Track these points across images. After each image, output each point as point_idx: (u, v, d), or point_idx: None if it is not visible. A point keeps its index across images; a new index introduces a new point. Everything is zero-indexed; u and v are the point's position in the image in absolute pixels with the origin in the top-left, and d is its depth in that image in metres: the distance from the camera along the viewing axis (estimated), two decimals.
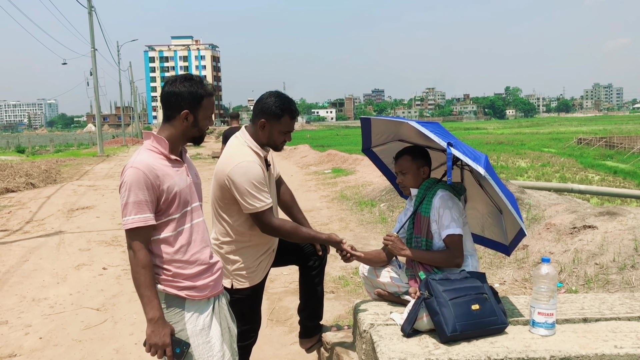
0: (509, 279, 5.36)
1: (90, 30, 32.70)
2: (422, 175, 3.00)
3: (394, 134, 3.28)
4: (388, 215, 8.95)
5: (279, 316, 4.82)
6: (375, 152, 3.44)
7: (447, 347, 2.37)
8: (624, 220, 5.61)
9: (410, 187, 3.01)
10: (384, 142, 3.35)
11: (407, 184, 3.02)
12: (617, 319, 2.73)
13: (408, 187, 3.03)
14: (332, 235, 2.89)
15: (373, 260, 3.06)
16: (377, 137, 3.32)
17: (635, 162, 22.11)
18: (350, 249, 2.89)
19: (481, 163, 2.53)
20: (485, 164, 2.55)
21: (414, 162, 2.98)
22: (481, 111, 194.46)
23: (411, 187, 3.01)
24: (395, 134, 3.27)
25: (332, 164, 19.31)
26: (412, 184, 3.00)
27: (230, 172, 2.66)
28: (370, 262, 3.07)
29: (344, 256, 2.91)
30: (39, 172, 17.81)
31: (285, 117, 2.79)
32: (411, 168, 2.98)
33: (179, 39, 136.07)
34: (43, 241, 8.13)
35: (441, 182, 2.97)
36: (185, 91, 2.15)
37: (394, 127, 3.22)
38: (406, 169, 3.00)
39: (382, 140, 3.35)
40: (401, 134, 3.25)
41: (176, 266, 2.16)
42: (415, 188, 3.00)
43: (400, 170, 3.03)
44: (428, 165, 3.02)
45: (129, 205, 2.05)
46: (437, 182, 2.98)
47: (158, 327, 2.07)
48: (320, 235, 2.92)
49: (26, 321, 4.84)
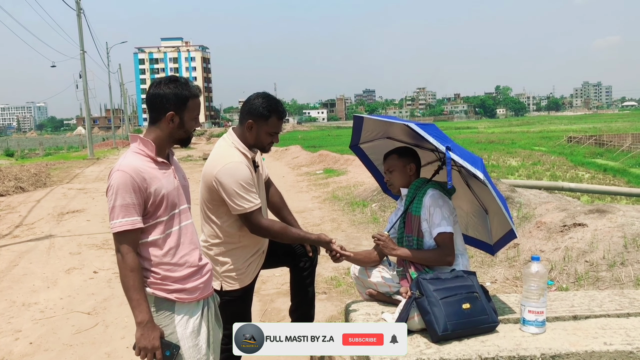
0: (500, 277, 5.38)
1: (79, 32, 32.48)
2: (409, 173, 3.00)
3: (383, 132, 3.28)
4: (380, 216, 8.96)
5: (271, 317, 4.81)
6: (363, 148, 3.44)
7: (439, 347, 2.38)
8: (614, 217, 5.65)
9: (399, 186, 3.02)
10: (372, 139, 3.35)
11: (394, 182, 3.02)
12: (606, 316, 2.75)
13: (396, 186, 3.03)
14: (321, 236, 2.89)
15: (363, 260, 3.06)
16: (367, 134, 3.31)
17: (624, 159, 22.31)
18: (339, 249, 2.89)
19: (478, 167, 2.54)
20: (482, 167, 2.58)
21: (400, 160, 2.99)
22: (472, 110, 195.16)
23: (400, 186, 3.01)
24: (385, 131, 3.27)
25: (324, 165, 19.33)
26: (399, 182, 3.01)
27: (218, 173, 2.66)
28: (360, 262, 3.07)
29: (334, 256, 2.91)
30: (29, 175, 17.66)
31: (272, 118, 2.80)
32: (397, 165, 2.99)
33: (169, 41, 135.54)
34: (33, 245, 8.07)
35: (431, 182, 2.97)
36: (170, 93, 2.14)
37: (384, 126, 3.22)
38: (393, 167, 3.01)
39: (370, 138, 3.34)
40: (390, 132, 3.25)
41: (165, 269, 2.15)
42: (404, 187, 3.00)
43: (388, 169, 3.04)
44: (415, 162, 3.03)
45: (116, 209, 2.04)
46: (427, 181, 2.98)
47: (147, 330, 2.06)
48: (309, 236, 2.92)
49: (16, 326, 4.79)
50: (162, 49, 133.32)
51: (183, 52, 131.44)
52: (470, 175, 2.94)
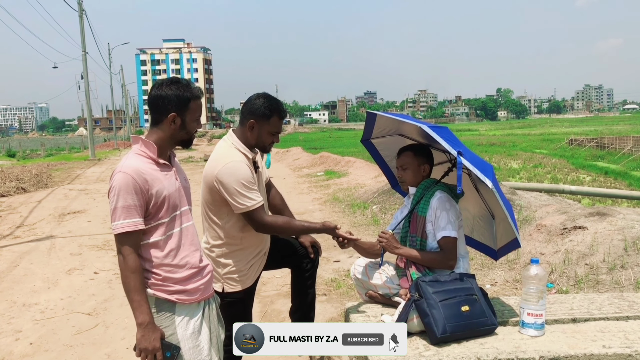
0: (500, 280, 5.38)
1: (81, 33, 32.56)
2: (422, 173, 3.00)
3: (395, 129, 3.28)
4: (380, 217, 8.97)
5: (271, 319, 4.82)
6: (374, 143, 3.44)
7: (437, 349, 2.39)
8: (614, 220, 5.66)
9: (409, 184, 3.02)
10: (383, 135, 3.36)
11: (406, 179, 3.02)
12: (605, 319, 2.75)
13: (407, 183, 3.03)
14: (326, 223, 2.87)
15: (367, 249, 3.07)
16: (379, 130, 3.32)
17: (625, 162, 22.28)
18: (346, 234, 2.88)
19: (488, 175, 2.55)
20: (492, 175, 2.58)
21: (415, 159, 2.99)
22: (473, 113, 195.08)
23: (410, 185, 3.02)
24: (397, 128, 3.28)
25: (325, 166, 19.33)
26: (411, 180, 3.01)
27: (219, 173, 2.67)
28: (364, 251, 3.09)
29: (340, 242, 2.89)
30: (30, 176, 17.71)
31: (274, 118, 2.82)
32: (412, 164, 2.99)
33: (171, 42, 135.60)
34: (34, 246, 8.08)
35: (440, 183, 2.98)
36: (172, 94, 2.16)
37: (397, 123, 3.21)
38: (407, 164, 3.00)
39: (382, 134, 3.35)
40: (402, 130, 3.26)
41: (166, 270, 2.16)
42: (414, 186, 3.00)
43: (401, 165, 3.03)
44: (429, 163, 3.03)
45: (117, 210, 2.05)
46: (435, 182, 2.99)
47: (148, 331, 2.07)
48: (314, 225, 2.89)
49: (17, 327, 4.80)
50: (164, 50, 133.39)
51: (185, 53, 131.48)
52: (479, 180, 2.95)
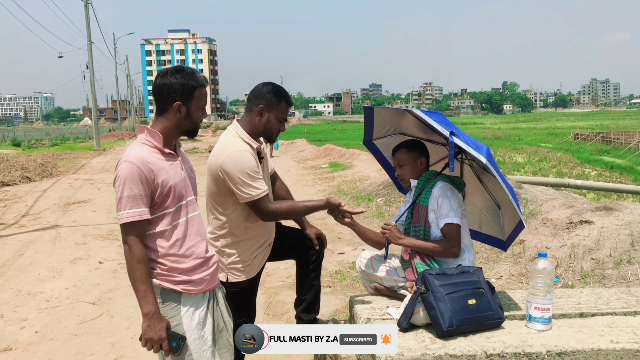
0: (505, 273, 5.36)
1: (87, 23, 32.49)
2: (419, 166, 3.01)
3: (396, 127, 3.28)
4: (385, 210, 8.95)
5: (276, 310, 4.82)
6: (377, 144, 3.44)
7: (444, 342, 2.37)
8: (621, 215, 5.62)
9: (410, 179, 3.02)
10: (385, 134, 3.35)
11: (405, 176, 3.03)
12: (613, 313, 2.73)
13: (407, 180, 3.03)
14: (329, 199, 2.86)
15: (373, 238, 3.12)
16: (379, 129, 3.32)
17: (631, 157, 22.18)
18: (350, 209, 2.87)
19: (483, 153, 2.53)
20: (487, 153, 2.56)
21: (410, 154, 3.00)
22: (478, 106, 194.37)
23: (410, 179, 3.02)
24: (397, 126, 3.27)
25: (329, 159, 19.31)
26: (410, 175, 3.01)
27: (223, 162, 2.66)
28: (369, 239, 3.13)
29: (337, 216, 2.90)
30: (35, 165, 17.75)
31: (282, 104, 2.82)
32: (408, 160, 3.00)
33: (176, 33, 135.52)
34: (39, 235, 8.11)
35: (441, 175, 2.97)
36: (177, 83, 2.14)
37: (396, 119, 3.22)
38: (403, 161, 3.01)
39: (383, 133, 3.35)
40: (403, 127, 3.25)
41: (172, 260, 2.14)
42: (415, 179, 3.00)
43: (398, 164, 3.05)
44: (425, 156, 3.03)
45: (123, 200, 2.04)
46: (437, 174, 2.98)
47: (154, 321, 2.06)
48: (318, 203, 2.87)
49: (22, 315, 4.82)
50: (169, 40, 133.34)
51: (190, 44, 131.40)
52: (482, 170, 2.92)
